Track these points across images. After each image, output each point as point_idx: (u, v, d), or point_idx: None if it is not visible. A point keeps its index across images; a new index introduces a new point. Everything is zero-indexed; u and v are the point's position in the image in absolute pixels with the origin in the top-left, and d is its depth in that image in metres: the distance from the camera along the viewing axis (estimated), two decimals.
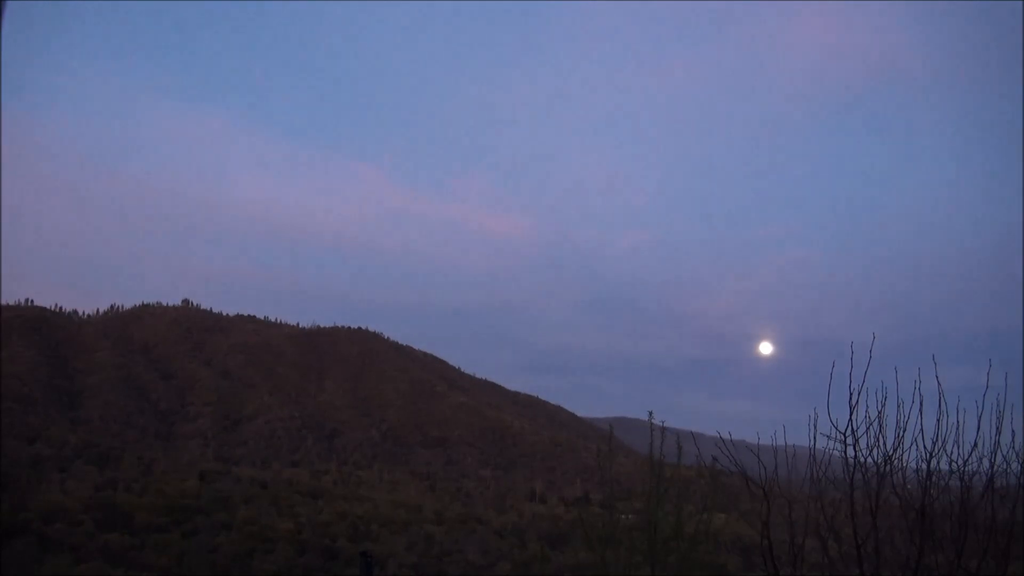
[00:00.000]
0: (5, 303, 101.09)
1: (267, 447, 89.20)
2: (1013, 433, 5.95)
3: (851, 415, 6.11)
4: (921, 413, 5.97)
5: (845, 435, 6.21)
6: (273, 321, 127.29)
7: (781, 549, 6.37)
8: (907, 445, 6.09)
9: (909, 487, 6.18)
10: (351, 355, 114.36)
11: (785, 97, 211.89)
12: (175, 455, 75.40)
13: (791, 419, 6.72)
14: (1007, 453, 5.97)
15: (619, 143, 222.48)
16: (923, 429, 5.99)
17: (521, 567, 43.02)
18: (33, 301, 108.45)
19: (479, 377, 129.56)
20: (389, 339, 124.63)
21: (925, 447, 6.02)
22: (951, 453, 6.00)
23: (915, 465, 6.13)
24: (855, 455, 6.21)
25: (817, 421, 6.28)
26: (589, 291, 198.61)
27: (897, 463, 6.15)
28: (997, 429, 5.90)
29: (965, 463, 5.98)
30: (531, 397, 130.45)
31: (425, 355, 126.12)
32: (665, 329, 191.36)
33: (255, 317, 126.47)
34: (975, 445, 5.93)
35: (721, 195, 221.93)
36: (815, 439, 6.39)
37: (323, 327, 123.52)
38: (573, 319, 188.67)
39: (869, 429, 6.14)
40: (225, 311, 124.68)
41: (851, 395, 6.04)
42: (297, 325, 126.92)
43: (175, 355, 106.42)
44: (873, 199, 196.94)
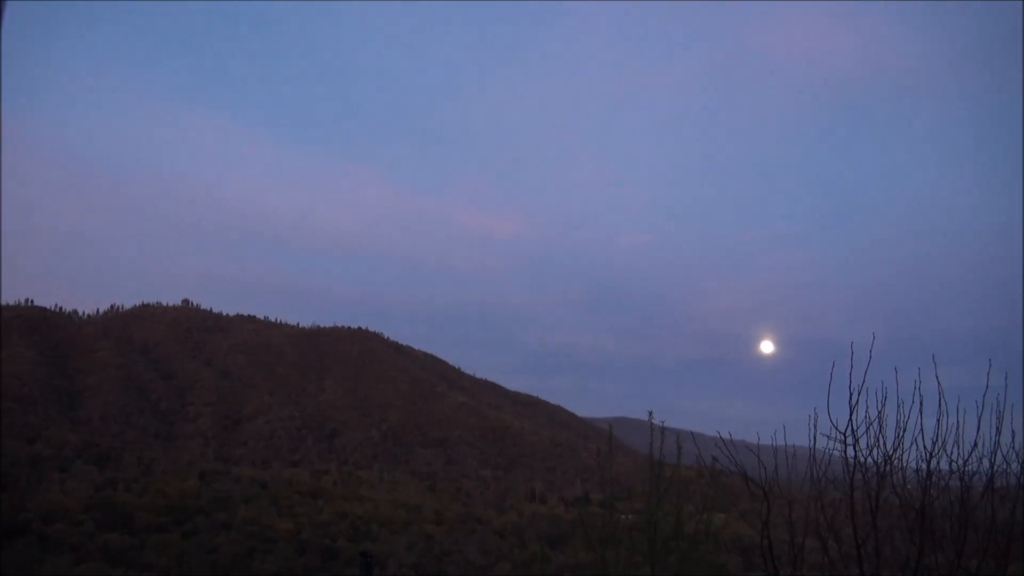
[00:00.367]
0: (5, 303, 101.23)
1: (267, 447, 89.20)
2: (1013, 433, 5.96)
3: (851, 415, 6.11)
4: (921, 413, 5.97)
5: (845, 435, 6.21)
6: (273, 321, 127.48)
7: (781, 549, 6.37)
8: (907, 445, 6.09)
9: (909, 487, 6.18)
10: (351, 355, 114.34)
11: (785, 97, 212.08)
12: (175, 455, 75.34)
13: (791, 419, 6.72)
14: (1007, 453, 5.97)
15: (618, 143, 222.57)
16: (923, 429, 5.99)
17: (521, 567, 43.01)
18: (33, 301, 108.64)
19: (479, 377, 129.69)
20: (389, 339, 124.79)
21: (925, 447, 6.02)
22: (951, 453, 6.01)
23: (915, 465, 6.13)
24: (855, 455, 6.21)
25: (817, 421, 6.29)
26: (588, 291, 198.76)
27: (897, 463, 6.15)
28: (997, 429, 5.90)
29: (965, 463, 5.98)
30: (531, 397, 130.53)
31: (425, 355, 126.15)
32: (665, 329, 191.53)
33: (255, 317, 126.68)
34: (975, 445, 5.93)
35: (721, 195, 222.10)
36: (815, 439, 6.39)
37: (323, 327, 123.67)
38: (572, 319, 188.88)
39: (869, 429, 6.14)
40: (225, 311, 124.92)
41: (851, 395, 6.04)
42: (297, 325, 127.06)
43: (175, 355, 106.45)
44: (873, 199, 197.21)
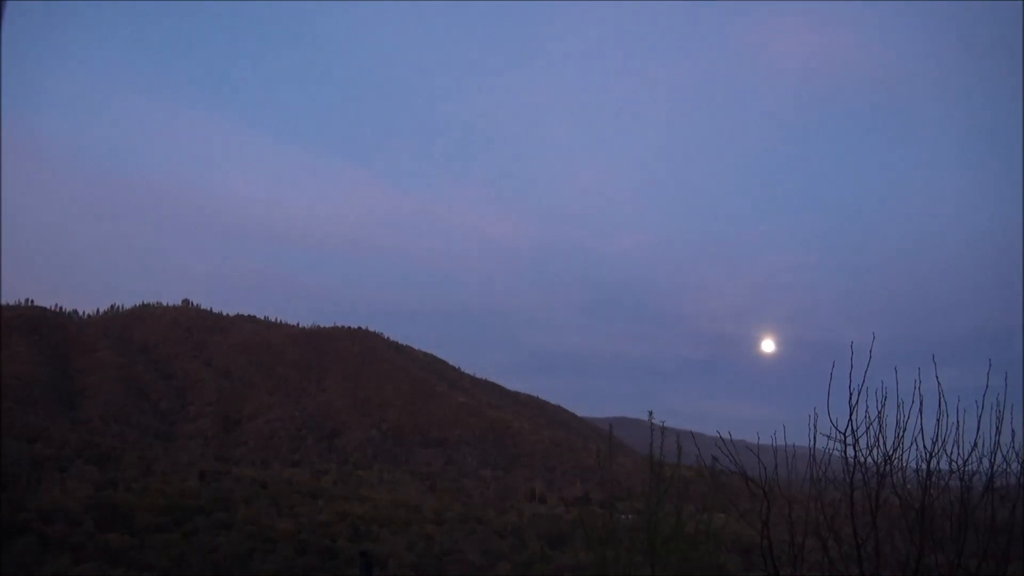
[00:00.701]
0: (5, 303, 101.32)
1: (267, 447, 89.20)
2: (1013, 433, 5.96)
3: (851, 415, 6.11)
4: (921, 413, 5.97)
5: (845, 435, 6.22)
6: (273, 321, 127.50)
7: (781, 549, 6.37)
8: (907, 445, 6.09)
9: (909, 487, 6.18)
10: (351, 355, 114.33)
11: (785, 98, 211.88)
12: (175, 455, 75.36)
13: (791, 419, 6.73)
14: (1007, 453, 5.98)
15: (617, 144, 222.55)
16: (923, 429, 5.99)
17: (521, 567, 42.95)
18: (33, 301, 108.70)
19: (479, 377, 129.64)
20: (389, 339, 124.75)
21: (925, 447, 6.02)
22: (951, 453, 6.01)
23: (915, 465, 6.14)
24: (855, 455, 6.22)
25: (817, 421, 6.29)
26: (588, 291, 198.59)
27: (897, 463, 6.15)
28: (997, 429, 5.91)
29: (965, 463, 5.98)
30: (531, 397, 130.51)
31: (425, 355, 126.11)
32: (665, 329, 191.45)
33: (255, 317, 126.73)
34: (975, 445, 5.93)
35: (720, 196, 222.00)
36: (815, 439, 6.40)
37: (323, 327, 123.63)
38: (572, 319, 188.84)
39: (869, 429, 6.15)
40: (225, 311, 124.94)
41: (851, 395, 6.04)
42: (297, 325, 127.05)
43: (175, 355, 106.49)
44: (872, 199, 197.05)
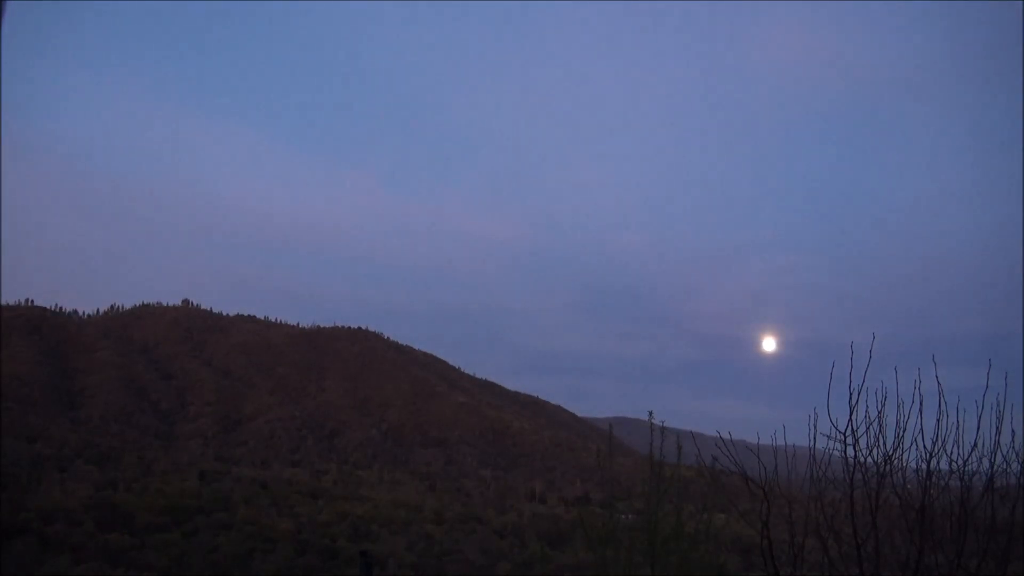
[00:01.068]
0: (5, 303, 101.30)
1: (267, 447, 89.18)
2: (1013, 433, 5.96)
3: (851, 415, 6.11)
4: (921, 413, 5.97)
5: (845, 435, 6.22)
6: (273, 321, 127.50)
7: (781, 549, 6.37)
8: (907, 445, 6.09)
9: (909, 487, 6.18)
10: (351, 355, 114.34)
11: (784, 97, 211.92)
12: (175, 455, 75.36)
13: (791, 419, 6.72)
14: (1007, 453, 5.98)
15: (614, 145, 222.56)
16: (923, 429, 5.99)
17: (521, 567, 42.96)
18: (33, 301, 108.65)
19: (479, 377, 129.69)
20: (389, 339, 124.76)
21: (925, 447, 6.02)
22: (951, 453, 6.01)
23: (915, 465, 6.14)
24: (855, 455, 6.22)
25: (817, 421, 6.29)
26: (587, 292, 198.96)
27: (897, 463, 6.15)
28: (997, 429, 5.91)
29: (965, 463, 5.98)
30: (531, 397, 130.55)
31: (425, 355, 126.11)
32: (664, 330, 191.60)
33: (255, 317, 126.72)
34: (975, 445, 5.93)
35: (720, 196, 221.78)
36: (815, 439, 6.40)
37: (323, 327, 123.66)
38: (572, 320, 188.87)
39: (869, 429, 6.14)
40: (225, 311, 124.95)
41: (851, 395, 6.04)
42: (297, 325, 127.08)
43: (175, 355, 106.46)
44: (872, 199, 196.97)
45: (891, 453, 6.11)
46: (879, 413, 6.08)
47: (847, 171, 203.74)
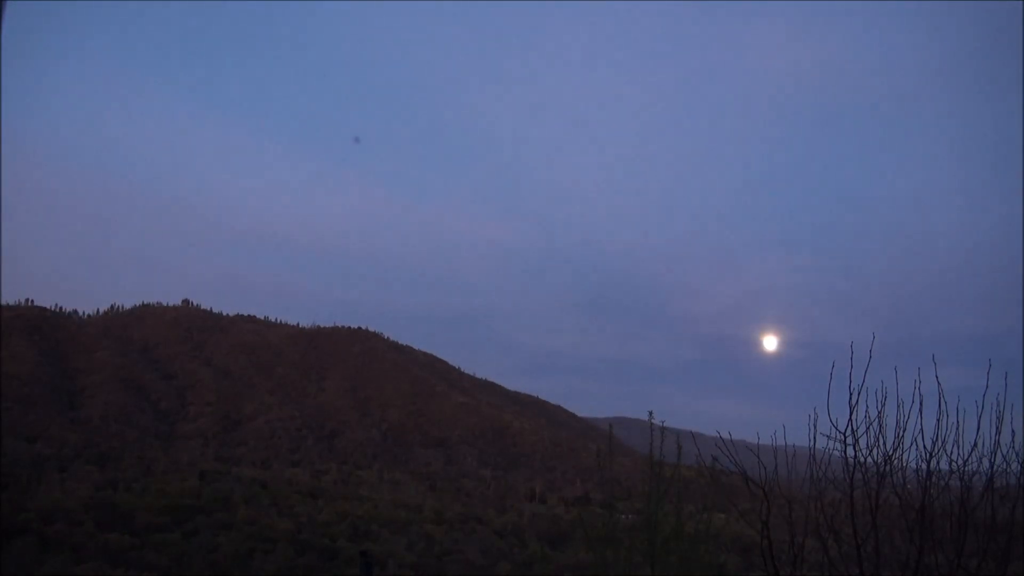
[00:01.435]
0: (5, 303, 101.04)
1: (267, 447, 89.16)
2: (1013, 433, 5.96)
3: (851, 415, 6.12)
4: (921, 413, 5.98)
5: (845, 435, 6.22)
6: (273, 321, 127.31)
7: (781, 549, 6.37)
8: (907, 445, 6.10)
9: (909, 487, 6.18)
10: (351, 355, 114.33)
11: (784, 97, 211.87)
12: (175, 455, 75.35)
13: (791, 419, 6.73)
14: (1007, 453, 5.98)
15: (614, 145, 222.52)
16: (923, 429, 6.00)
17: (521, 567, 42.99)
18: (33, 301, 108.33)
19: (479, 377, 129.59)
20: (389, 339, 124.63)
21: (925, 447, 6.03)
22: (951, 453, 6.01)
23: (915, 465, 6.14)
24: (855, 455, 6.22)
25: (817, 421, 6.29)
26: (586, 293, 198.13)
27: (897, 463, 6.16)
28: (997, 429, 5.91)
29: (965, 463, 5.99)
30: (531, 397, 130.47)
31: (425, 355, 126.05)
32: (663, 330, 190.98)
33: (255, 317, 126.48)
34: (975, 445, 5.94)
35: (720, 196, 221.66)
36: (815, 439, 6.40)
37: (323, 327, 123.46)
38: (571, 321, 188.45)
39: (869, 429, 6.15)
40: (225, 311, 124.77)
41: (851, 395, 6.05)
42: (297, 325, 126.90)
43: (175, 355, 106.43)
44: (873, 199, 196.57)
45: (891, 453, 6.12)
46: (879, 413, 6.09)
47: (846, 171, 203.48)
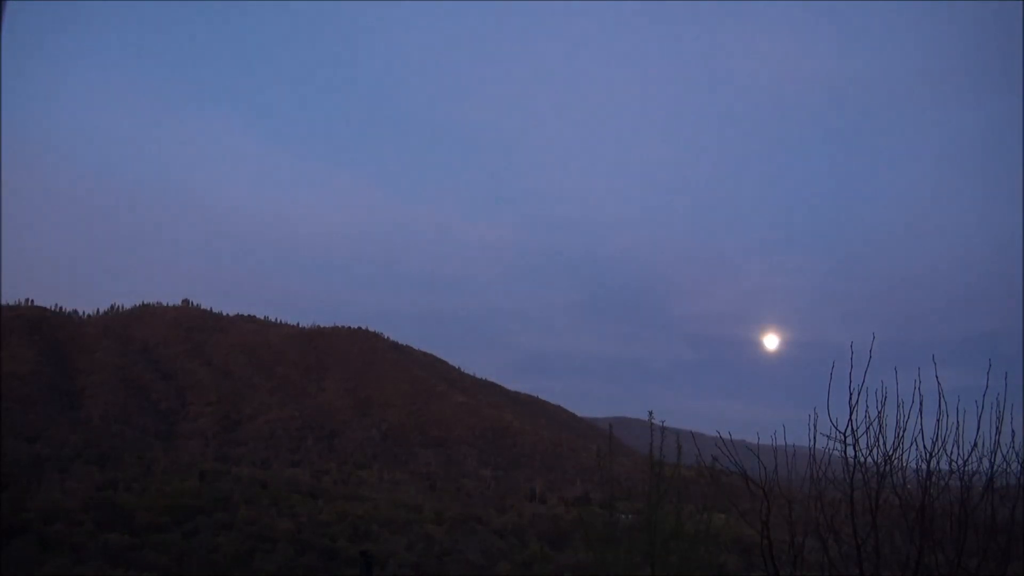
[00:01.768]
0: (5, 303, 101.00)
1: (267, 447, 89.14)
2: (1013, 433, 5.96)
3: (851, 415, 6.12)
4: (921, 413, 5.98)
5: (845, 435, 6.22)
6: (273, 321, 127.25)
7: (781, 549, 6.37)
8: (907, 445, 6.10)
9: (909, 487, 6.18)
10: (351, 355, 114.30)
11: (784, 97, 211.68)
12: (175, 455, 75.35)
13: (791, 419, 6.73)
14: (1007, 453, 5.99)
15: (613, 145, 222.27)
16: (923, 429, 6.00)
17: (521, 567, 42.97)
18: (33, 301, 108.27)
19: (479, 377, 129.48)
20: (389, 339, 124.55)
21: (925, 447, 6.03)
22: (951, 453, 6.02)
23: (915, 465, 6.14)
24: (855, 455, 6.22)
25: (817, 421, 6.30)
26: (585, 293, 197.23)
27: (897, 463, 6.16)
28: (997, 429, 5.91)
29: (965, 463, 5.99)
30: (531, 397, 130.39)
31: (425, 355, 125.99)
32: (663, 330, 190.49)
33: (255, 317, 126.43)
34: (975, 445, 5.94)
35: (719, 196, 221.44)
36: (815, 439, 6.40)
37: (323, 327, 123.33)
38: (570, 321, 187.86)
39: (869, 429, 6.15)
40: (225, 311, 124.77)
41: (851, 395, 6.05)
42: (297, 325, 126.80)
43: (175, 355, 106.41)
44: (872, 199, 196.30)
45: (891, 453, 6.12)
46: (879, 413, 6.09)
47: (845, 171, 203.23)
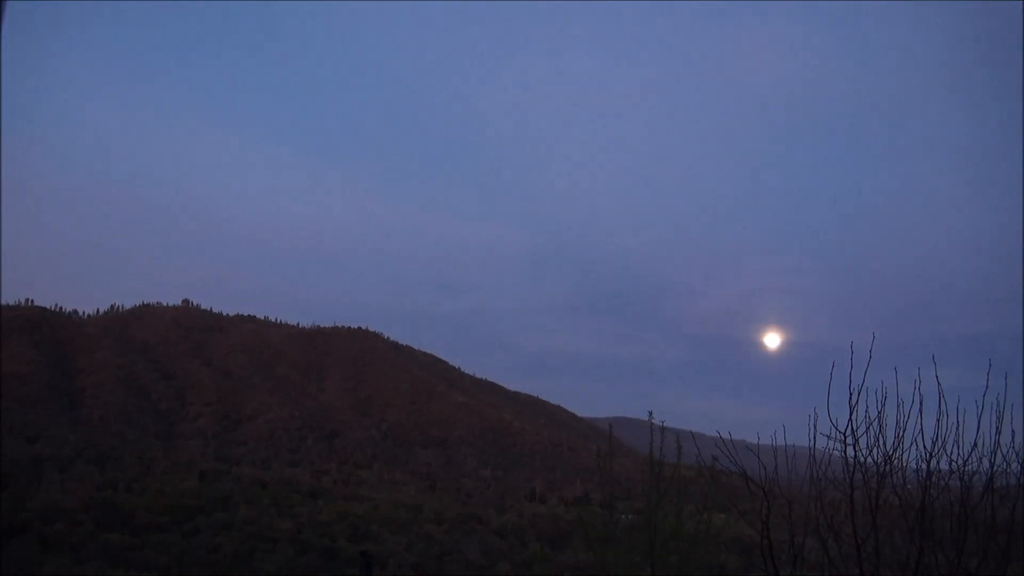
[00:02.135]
0: (5, 303, 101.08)
1: (267, 447, 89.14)
2: (1013, 433, 5.96)
3: (851, 415, 6.12)
4: (921, 413, 5.98)
5: (845, 435, 6.22)
6: (273, 321, 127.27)
7: (781, 549, 6.37)
8: (907, 445, 6.10)
9: (909, 487, 6.18)
10: (351, 355, 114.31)
11: (783, 97, 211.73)
12: (175, 455, 75.37)
13: (791, 419, 6.73)
14: (1007, 453, 5.98)
15: (612, 145, 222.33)
16: (923, 429, 6.00)
17: (521, 567, 43.01)
18: (33, 301, 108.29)
19: (479, 377, 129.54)
20: (389, 339, 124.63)
21: (925, 447, 6.03)
22: (951, 453, 6.01)
23: (915, 465, 6.14)
24: (855, 455, 6.22)
25: (817, 421, 6.30)
26: (585, 293, 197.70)
27: (897, 463, 6.16)
28: (997, 429, 5.91)
29: (965, 463, 5.99)
30: (531, 397, 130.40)
31: (425, 355, 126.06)
32: (662, 330, 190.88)
33: (255, 317, 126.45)
34: (975, 445, 5.94)
35: (718, 196, 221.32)
36: (815, 439, 6.40)
37: (323, 327, 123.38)
38: (570, 322, 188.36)
39: (869, 429, 6.15)
40: (225, 311, 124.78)
41: (851, 395, 6.04)
42: (297, 325, 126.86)
43: (175, 355, 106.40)
44: (872, 199, 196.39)
45: (891, 453, 6.12)
46: (879, 413, 6.09)
47: (845, 171, 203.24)
